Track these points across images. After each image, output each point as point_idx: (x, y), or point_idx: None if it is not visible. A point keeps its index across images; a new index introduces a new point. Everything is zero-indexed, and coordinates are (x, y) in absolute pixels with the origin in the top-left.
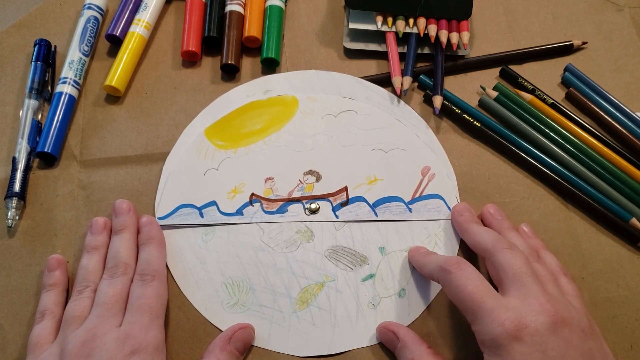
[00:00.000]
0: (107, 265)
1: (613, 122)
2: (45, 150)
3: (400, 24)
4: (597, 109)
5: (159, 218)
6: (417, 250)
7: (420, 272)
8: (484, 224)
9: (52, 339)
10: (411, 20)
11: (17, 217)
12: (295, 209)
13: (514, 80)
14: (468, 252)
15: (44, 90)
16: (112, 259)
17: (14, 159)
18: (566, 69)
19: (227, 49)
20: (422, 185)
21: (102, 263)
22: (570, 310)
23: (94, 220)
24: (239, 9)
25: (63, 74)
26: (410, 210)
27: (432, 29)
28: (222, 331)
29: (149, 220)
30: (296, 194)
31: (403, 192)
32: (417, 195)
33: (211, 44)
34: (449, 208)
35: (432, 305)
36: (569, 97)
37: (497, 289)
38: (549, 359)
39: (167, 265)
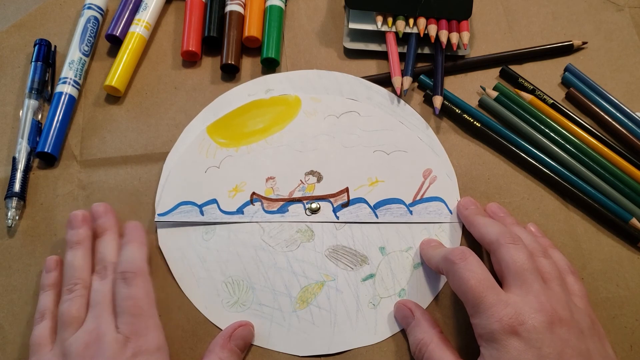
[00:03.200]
0: (97, 268)
1: (613, 122)
2: (45, 150)
3: (400, 24)
4: (597, 109)
5: (159, 214)
6: (427, 243)
7: (428, 264)
8: None
9: (53, 340)
10: (411, 20)
11: (17, 217)
12: (296, 209)
13: (514, 80)
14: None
15: (44, 90)
16: (100, 262)
17: (14, 159)
18: (566, 69)
19: (227, 49)
20: (424, 187)
21: (87, 258)
22: (569, 310)
23: (72, 214)
24: (239, 9)
25: (63, 74)
26: (411, 212)
27: (432, 29)
28: (222, 330)
29: (133, 225)
30: (297, 194)
31: (404, 194)
32: (418, 198)
33: (211, 44)
34: (450, 211)
35: (431, 306)
36: (569, 97)
37: (499, 281)
38: (544, 356)
39: (168, 265)
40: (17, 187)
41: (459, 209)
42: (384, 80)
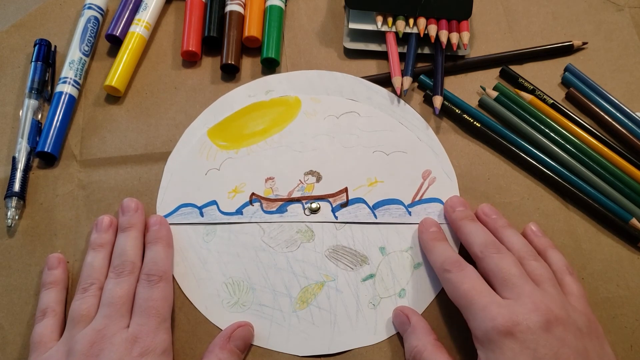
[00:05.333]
0: (114, 263)
1: (613, 122)
2: (45, 149)
3: (400, 24)
4: (597, 109)
5: None
6: (426, 229)
7: (425, 253)
8: None
9: (55, 337)
10: (411, 20)
11: (16, 217)
12: (295, 209)
13: (514, 80)
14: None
15: (44, 90)
16: (118, 257)
17: (13, 158)
18: (566, 69)
19: (227, 49)
20: (423, 188)
21: (107, 261)
22: (565, 309)
23: (99, 218)
24: (239, 9)
25: (63, 74)
26: (409, 213)
27: (432, 29)
28: (222, 330)
29: (159, 220)
30: (296, 194)
31: (403, 195)
32: (417, 199)
33: (211, 44)
34: None
35: (431, 306)
36: (569, 97)
37: None
38: (540, 357)
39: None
40: (16, 186)
41: (446, 209)
42: (384, 80)
